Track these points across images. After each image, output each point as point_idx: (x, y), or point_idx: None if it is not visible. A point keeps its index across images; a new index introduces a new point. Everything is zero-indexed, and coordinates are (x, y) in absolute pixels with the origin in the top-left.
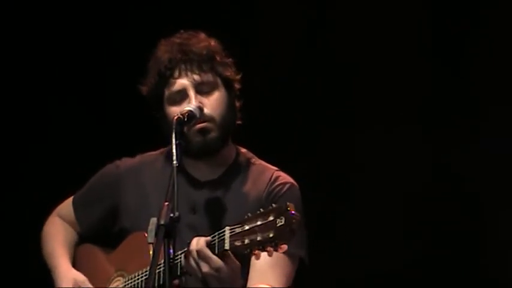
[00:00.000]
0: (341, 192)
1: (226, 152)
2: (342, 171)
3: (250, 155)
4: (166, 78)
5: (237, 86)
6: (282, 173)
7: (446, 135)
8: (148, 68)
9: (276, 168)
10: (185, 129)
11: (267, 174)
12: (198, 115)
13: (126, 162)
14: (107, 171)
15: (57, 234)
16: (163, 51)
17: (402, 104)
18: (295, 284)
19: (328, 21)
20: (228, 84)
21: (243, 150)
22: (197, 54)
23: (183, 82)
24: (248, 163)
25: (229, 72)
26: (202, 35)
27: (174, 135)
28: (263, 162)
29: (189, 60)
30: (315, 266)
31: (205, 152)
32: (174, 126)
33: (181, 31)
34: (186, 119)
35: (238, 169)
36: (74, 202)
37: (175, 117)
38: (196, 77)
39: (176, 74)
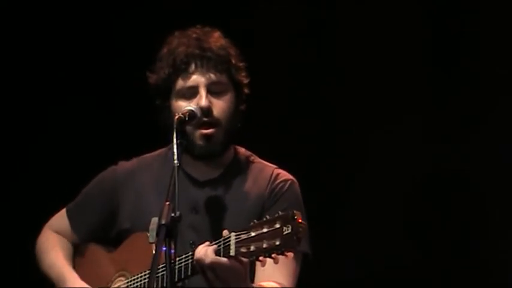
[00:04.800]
0: (340, 192)
1: (225, 152)
2: (342, 171)
3: (249, 153)
4: (180, 72)
5: (246, 90)
6: (281, 170)
7: (447, 135)
8: (160, 57)
9: (274, 166)
10: (189, 129)
11: (267, 172)
12: (199, 114)
13: (122, 165)
14: (104, 177)
15: (54, 246)
16: (180, 43)
17: (402, 104)
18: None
19: (328, 21)
20: (238, 88)
21: (241, 149)
22: (215, 53)
23: (196, 79)
24: (247, 161)
25: (241, 76)
26: (218, 34)
27: (175, 135)
28: (262, 160)
29: (206, 58)
30: (314, 266)
31: (207, 155)
32: (175, 126)
33: (198, 26)
34: (187, 119)
35: (237, 168)
36: (68, 212)
37: (177, 117)
38: (211, 75)
39: (191, 69)
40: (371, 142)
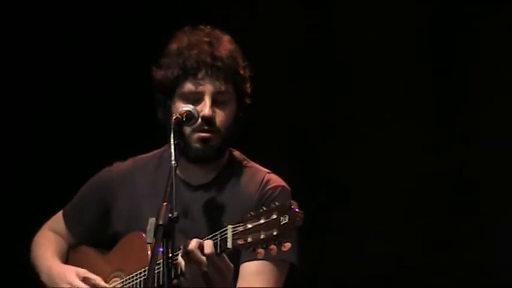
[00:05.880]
0: (340, 192)
1: (221, 157)
2: (341, 171)
3: (243, 157)
4: (188, 75)
5: (248, 101)
6: (273, 176)
7: (447, 135)
8: (167, 53)
9: (267, 170)
10: (187, 131)
11: (258, 177)
12: (196, 115)
13: (117, 166)
14: (99, 178)
15: (47, 242)
16: (190, 44)
17: (402, 105)
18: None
19: (328, 22)
20: (242, 97)
21: (236, 152)
22: (226, 63)
23: (204, 86)
24: (240, 166)
25: (246, 87)
26: (227, 39)
27: (172, 136)
28: (255, 165)
29: (216, 67)
30: (314, 266)
31: (202, 159)
32: (172, 126)
33: (207, 26)
34: (184, 119)
35: (230, 172)
36: (64, 214)
37: (174, 117)
38: (219, 85)
39: (200, 75)
40: (371, 142)
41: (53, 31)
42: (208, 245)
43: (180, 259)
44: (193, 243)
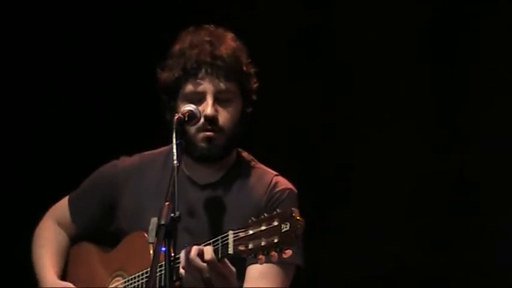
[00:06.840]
0: (341, 193)
1: (227, 156)
2: (341, 171)
3: (251, 158)
4: (189, 76)
5: (254, 97)
6: (281, 178)
7: (447, 135)
8: (171, 54)
9: (275, 172)
10: (191, 131)
11: (266, 179)
12: (198, 115)
13: (124, 161)
14: (105, 171)
15: (48, 241)
16: (192, 44)
17: (402, 105)
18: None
19: (328, 22)
20: (246, 95)
21: (244, 153)
22: (226, 61)
23: (205, 86)
24: (248, 167)
25: (250, 84)
26: (230, 37)
27: (174, 135)
28: (263, 166)
29: (216, 66)
30: (314, 266)
31: (208, 158)
32: (174, 126)
33: (211, 25)
34: (186, 119)
35: (238, 172)
36: (69, 202)
37: (176, 117)
38: (220, 84)
39: (201, 74)
40: (371, 142)
41: (53, 31)
42: (208, 252)
43: (181, 271)
44: (193, 252)
